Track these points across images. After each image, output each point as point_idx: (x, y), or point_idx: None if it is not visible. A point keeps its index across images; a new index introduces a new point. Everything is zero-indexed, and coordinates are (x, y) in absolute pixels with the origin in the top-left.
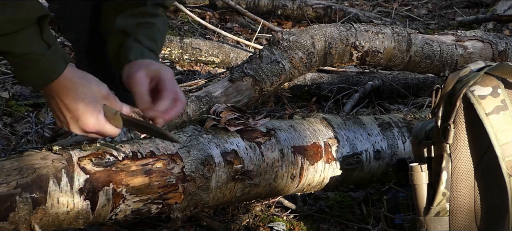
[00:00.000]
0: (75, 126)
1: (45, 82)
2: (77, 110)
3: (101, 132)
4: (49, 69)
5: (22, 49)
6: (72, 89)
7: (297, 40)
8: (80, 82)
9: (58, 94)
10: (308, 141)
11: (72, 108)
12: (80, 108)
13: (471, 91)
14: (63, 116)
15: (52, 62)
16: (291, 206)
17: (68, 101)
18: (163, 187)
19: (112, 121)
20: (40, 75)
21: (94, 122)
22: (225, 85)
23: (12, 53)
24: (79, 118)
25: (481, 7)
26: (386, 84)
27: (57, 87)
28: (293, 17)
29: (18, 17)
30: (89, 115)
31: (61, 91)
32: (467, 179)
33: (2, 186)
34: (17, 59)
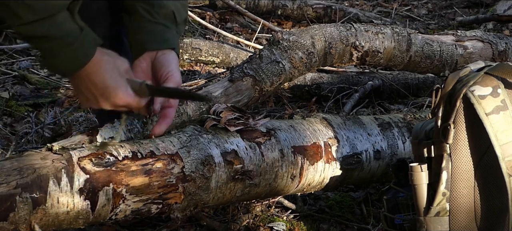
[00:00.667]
0: (106, 102)
1: (78, 67)
2: (108, 88)
3: (130, 104)
4: (82, 52)
5: (61, 31)
6: (101, 69)
7: (297, 40)
8: (107, 60)
9: (88, 76)
10: (308, 141)
11: (103, 86)
12: (110, 85)
13: (471, 91)
14: (93, 95)
15: (85, 45)
16: (291, 206)
17: (98, 80)
18: (163, 187)
19: (138, 92)
20: (73, 60)
21: (124, 95)
22: (225, 85)
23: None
24: (110, 94)
25: (481, 7)
26: (386, 84)
27: (87, 69)
28: (293, 17)
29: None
30: (118, 90)
31: (91, 72)
32: (467, 179)
33: (2, 186)
34: (53, 44)
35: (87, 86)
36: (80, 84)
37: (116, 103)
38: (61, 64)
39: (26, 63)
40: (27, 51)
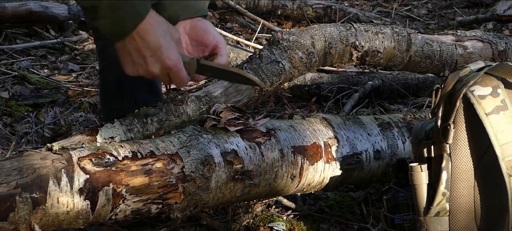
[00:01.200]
0: (155, 64)
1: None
2: (160, 47)
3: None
4: (141, 6)
5: None
6: (155, 27)
7: (297, 40)
8: (161, 21)
9: (141, 34)
10: (308, 141)
11: (155, 46)
12: (162, 44)
13: (471, 91)
14: (142, 56)
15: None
16: (291, 206)
17: (151, 39)
18: (163, 187)
19: (187, 66)
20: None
21: (176, 57)
22: (225, 85)
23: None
24: (162, 54)
25: (481, 7)
26: (386, 84)
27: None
28: (293, 17)
29: None
30: (170, 51)
31: (144, 30)
32: (467, 179)
33: (2, 186)
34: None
35: (138, 46)
36: (130, 45)
37: (166, 64)
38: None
39: (26, 63)
40: (27, 51)
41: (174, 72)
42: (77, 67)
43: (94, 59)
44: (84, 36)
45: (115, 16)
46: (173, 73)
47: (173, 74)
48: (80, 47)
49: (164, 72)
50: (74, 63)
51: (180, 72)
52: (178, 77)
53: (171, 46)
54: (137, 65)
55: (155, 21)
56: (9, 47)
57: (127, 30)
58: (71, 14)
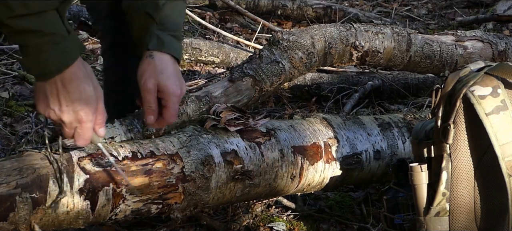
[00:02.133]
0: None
1: (62, 66)
2: (79, 100)
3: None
4: (68, 53)
5: (51, 28)
6: (80, 78)
7: (297, 40)
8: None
9: (64, 81)
10: (308, 141)
11: (75, 97)
12: (82, 97)
13: (471, 91)
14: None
15: (71, 46)
16: (291, 206)
17: (73, 89)
18: (163, 187)
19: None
20: (59, 58)
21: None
22: (225, 85)
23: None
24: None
25: (481, 7)
26: (386, 84)
27: (66, 73)
28: (293, 17)
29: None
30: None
31: (68, 78)
32: (467, 179)
33: (2, 186)
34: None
35: (57, 93)
36: (49, 88)
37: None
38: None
39: None
40: None
41: (83, 128)
42: None
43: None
44: (84, 36)
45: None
46: (81, 129)
47: (81, 129)
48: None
49: (73, 125)
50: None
51: (88, 131)
52: (83, 135)
53: (90, 101)
54: (49, 109)
55: (80, 72)
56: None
57: (50, 73)
58: (71, 14)
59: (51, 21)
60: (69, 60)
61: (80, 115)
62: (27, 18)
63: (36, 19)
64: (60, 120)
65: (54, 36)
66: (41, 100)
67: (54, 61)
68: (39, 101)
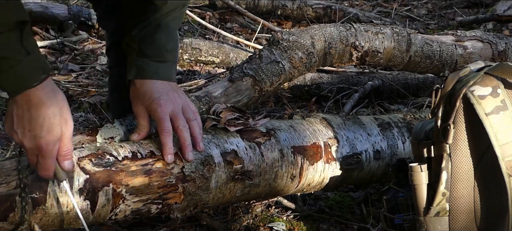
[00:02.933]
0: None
1: (18, 89)
2: (41, 127)
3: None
4: (25, 76)
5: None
6: (45, 106)
7: (297, 40)
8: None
9: (27, 104)
10: (308, 141)
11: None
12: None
13: (471, 91)
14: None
15: (29, 70)
16: (291, 206)
17: (35, 114)
18: (163, 187)
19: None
20: (15, 82)
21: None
22: (225, 85)
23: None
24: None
25: (481, 7)
26: (386, 84)
27: (29, 97)
28: (293, 17)
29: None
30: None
31: (32, 101)
32: (467, 179)
33: (2, 186)
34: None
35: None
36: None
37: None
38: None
39: None
40: None
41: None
42: (77, 67)
43: (94, 59)
44: (84, 36)
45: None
46: (41, 158)
47: (42, 159)
48: (80, 47)
49: (34, 151)
50: (74, 63)
51: (48, 161)
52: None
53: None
54: (13, 131)
55: (47, 98)
56: None
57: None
58: (71, 14)
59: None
60: (28, 83)
61: (40, 143)
62: None
63: None
64: (22, 145)
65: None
66: (8, 121)
67: (10, 83)
68: (6, 121)
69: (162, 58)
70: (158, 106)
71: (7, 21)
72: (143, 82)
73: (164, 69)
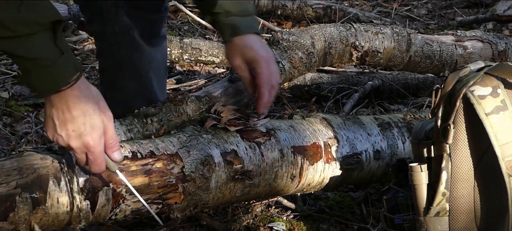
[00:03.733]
0: (76, 139)
1: (53, 89)
2: (84, 124)
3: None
4: (59, 76)
5: (33, 53)
6: (83, 103)
7: (297, 40)
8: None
9: (66, 104)
10: (308, 141)
11: (80, 121)
12: (87, 122)
13: (471, 91)
14: (65, 129)
15: (63, 69)
16: (291, 206)
17: (76, 113)
18: (163, 187)
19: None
20: (49, 82)
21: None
22: (225, 85)
23: (21, 57)
24: (83, 133)
25: (481, 7)
26: (386, 84)
27: (65, 97)
28: (292, 17)
29: (32, 19)
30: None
31: (70, 101)
32: (467, 179)
33: (2, 186)
34: (27, 64)
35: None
36: (52, 110)
37: (85, 143)
38: (37, 83)
39: None
40: None
41: (93, 154)
42: None
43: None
44: (84, 36)
45: (31, 78)
46: (91, 155)
47: (92, 155)
48: (80, 47)
49: (82, 150)
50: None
51: (99, 157)
52: (95, 161)
53: (95, 128)
54: (57, 135)
55: (82, 95)
56: None
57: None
58: (71, 14)
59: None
60: (62, 82)
61: (87, 140)
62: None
63: (17, 43)
64: (69, 147)
65: (41, 61)
66: (49, 126)
67: (44, 84)
68: (48, 127)
69: (246, 12)
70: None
71: (41, 22)
72: (240, 38)
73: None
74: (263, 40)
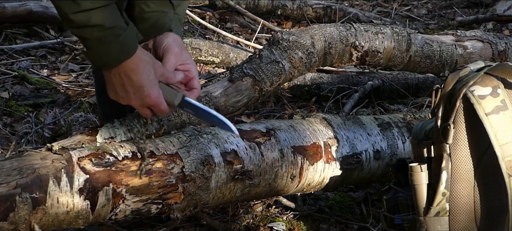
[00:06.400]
0: (136, 100)
1: (123, 57)
2: (143, 87)
3: (159, 106)
4: (128, 44)
5: (112, 22)
6: (140, 67)
7: (297, 40)
8: (147, 60)
9: (127, 71)
10: (308, 141)
11: (138, 85)
12: (145, 84)
13: (471, 91)
14: (125, 91)
15: (131, 38)
16: (291, 206)
17: (136, 78)
18: (163, 187)
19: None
20: (120, 51)
21: (157, 97)
22: (224, 85)
23: (102, 26)
24: (143, 93)
25: (481, 7)
26: (386, 84)
27: (128, 64)
28: (293, 17)
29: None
30: (152, 91)
31: (130, 69)
32: (467, 179)
33: (2, 186)
34: (103, 34)
35: (122, 81)
36: (115, 78)
37: (146, 102)
38: (107, 54)
39: (26, 63)
40: (27, 51)
41: (155, 107)
42: (77, 67)
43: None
44: None
45: (102, 49)
46: (154, 108)
47: (154, 108)
48: (80, 47)
49: (145, 107)
50: (74, 63)
51: (160, 106)
52: (159, 110)
53: (152, 86)
54: (119, 96)
55: (140, 61)
56: (9, 47)
57: (112, 64)
58: None
59: (112, 15)
60: (130, 50)
61: (147, 101)
62: (90, 12)
63: (99, 13)
64: (131, 104)
65: (115, 29)
66: (111, 89)
67: (115, 53)
68: (109, 90)
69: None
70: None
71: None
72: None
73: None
74: None
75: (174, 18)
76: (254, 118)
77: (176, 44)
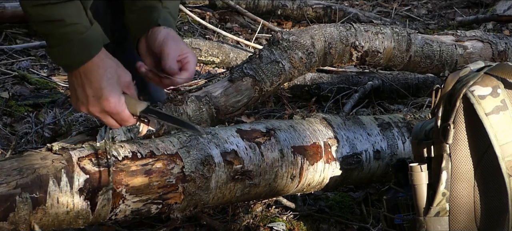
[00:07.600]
0: (95, 105)
1: (85, 58)
2: (102, 89)
3: (120, 114)
4: (91, 45)
5: (73, 18)
6: (102, 68)
7: (297, 40)
8: (110, 64)
9: (86, 72)
10: (308, 141)
11: (97, 87)
12: (104, 87)
13: (471, 91)
14: (85, 95)
15: (94, 38)
16: (291, 206)
17: (95, 79)
18: (163, 187)
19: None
20: (82, 50)
21: (116, 102)
22: (224, 85)
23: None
24: (102, 97)
25: (481, 7)
26: (386, 84)
27: (89, 65)
28: (293, 17)
29: None
30: (112, 95)
31: (90, 69)
32: (467, 179)
33: (2, 186)
34: (64, 30)
35: (82, 84)
36: (76, 80)
37: (105, 108)
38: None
39: (26, 63)
40: (27, 51)
41: (115, 115)
42: None
43: None
44: None
45: (64, 48)
46: (114, 116)
47: (114, 116)
48: None
49: (104, 114)
50: None
51: (121, 114)
52: (120, 118)
53: (112, 90)
54: (79, 102)
55: (102, 62)
56: (9, 47)
57: (73, 65)
58: None
59: (74, 11)
60: (92, 51)
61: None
62: (49, 7)
63: (60, 8)
64: (92, 113)
65: (77, 26)
66: (72, 95)
67: (77, 52)
68: (72, 96)
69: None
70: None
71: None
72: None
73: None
74: None
75: (163, 12)
76: (254, 118)
77: (170, 38)
